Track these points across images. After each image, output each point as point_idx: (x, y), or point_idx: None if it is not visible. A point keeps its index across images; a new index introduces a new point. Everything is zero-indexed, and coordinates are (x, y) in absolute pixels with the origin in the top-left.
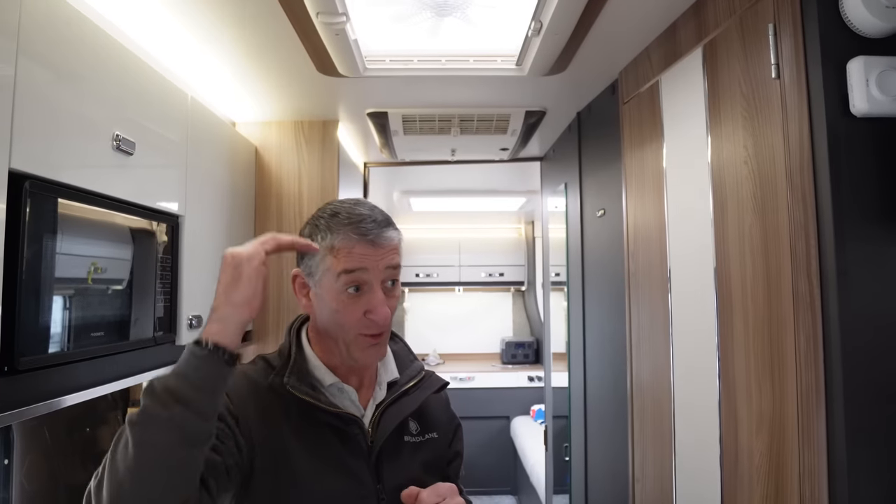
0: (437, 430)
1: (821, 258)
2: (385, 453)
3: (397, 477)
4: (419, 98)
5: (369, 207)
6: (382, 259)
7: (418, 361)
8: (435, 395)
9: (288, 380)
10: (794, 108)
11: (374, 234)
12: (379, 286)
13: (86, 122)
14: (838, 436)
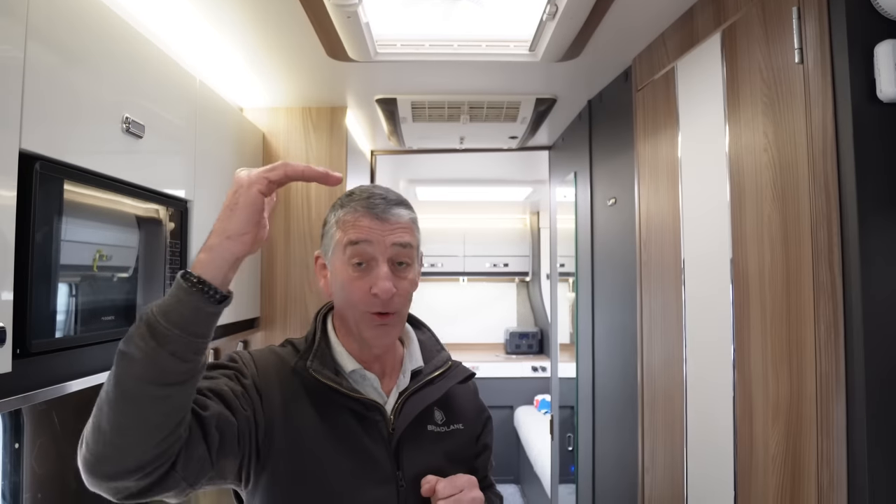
0: (463, 422)
1: (843, 246)
2: (406, 440)
3: (417, 465)
4: (429, 84)
5: (384, 189)
6: (390, 234)
7: (445, 352)
8: (463, 387)
9: (311, 363)
10: (818, 94)
11: (381, 208)
12: (385, 263)
13: (95, 104)
14: (858, 423)
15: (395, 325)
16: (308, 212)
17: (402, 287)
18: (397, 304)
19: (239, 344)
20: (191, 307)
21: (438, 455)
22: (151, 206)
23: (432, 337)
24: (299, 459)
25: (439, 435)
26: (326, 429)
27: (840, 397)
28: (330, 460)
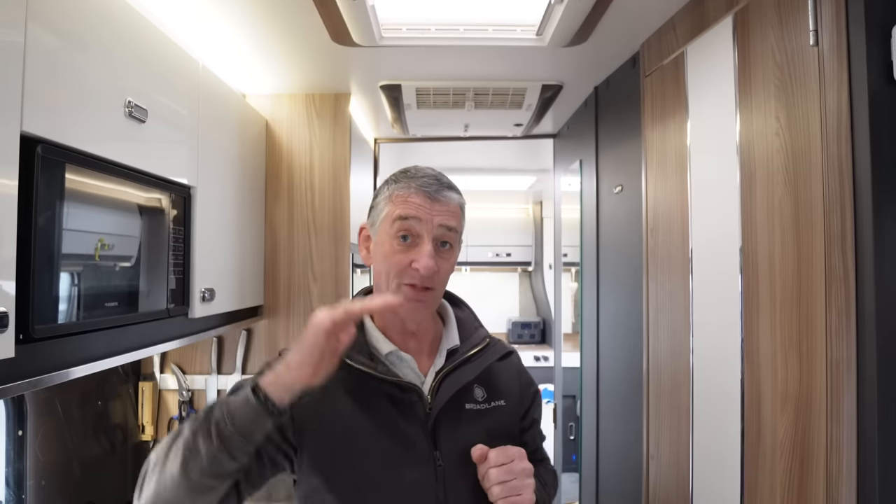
0: (505, 398)
1: (856, 231)
2: (443, 420)
3: (455, 445)
4: (434, 70)
5: (439, 173)
6: (438, 215)
7: (483, 329)
8: (505, 363)
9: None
10: (832, 77)
11: (434, 188)
12: (430, 241)
13: (97, 87)
14: (869, 410)
15: (429, 302)
16: (311, 200)
17: (442, 267)
18: (434, 281)
19: (242, 332)
20: (253, 417)
21: (478, 433)
22: (154, 195)
23: (471, 314)
24: (335, 446)
25: (479, 412)
26: (362, 414)
27: (851, 384)
28: (366, 445)
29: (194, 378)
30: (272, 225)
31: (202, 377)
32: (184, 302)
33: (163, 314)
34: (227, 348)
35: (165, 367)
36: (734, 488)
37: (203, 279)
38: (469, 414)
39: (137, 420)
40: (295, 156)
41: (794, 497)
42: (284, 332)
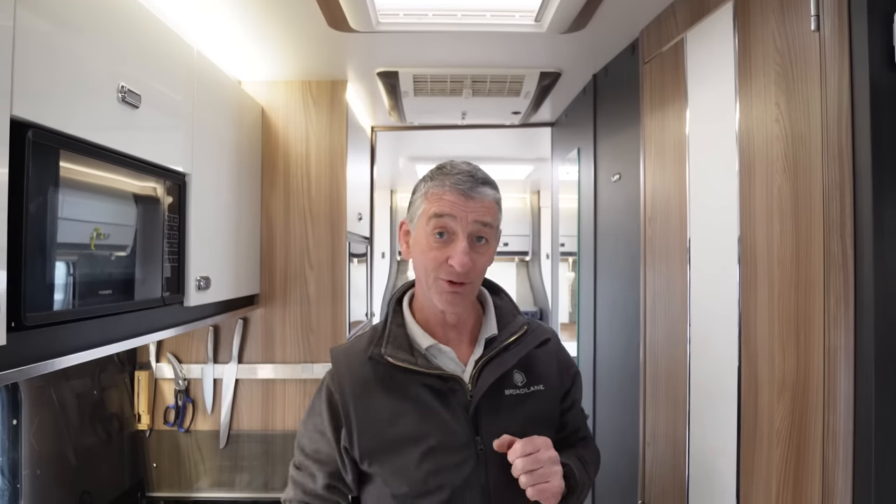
0: (544, 382)
1: (856, 217)
2: (483, 407)
3: (496, 430)
4: (431, 57)
5: (474, 167)
6: (472, 211)
7: (521, 317)
8: (543, 348)
9: (385, 349)
10: (833, 62)
11: (468, 185)
12: (465, 237)
13: (89, 72)
14: (866, 398)
15: (467, 295)
16: (308, 188)
17: (478, 262)
18: (472, 275)
19: (238, 321)
20: None
21: (517, 418)
22: (149, 184)
23: (509, 302)
24: (385, 440)
25: (518, 398)
26: (406, 405)
27: (848, 371)
28: (412, 434)
29: (190, 367)
30: (268, 213)
31: (198, 366)
32: (179, 290)
33: (157, 302)
34: (224, 337)
35: (161, 356)
36: (730, 476)
37: (198, 267)
38: (509, 400)
39: (133, 409)
40: (291, 143)
41: (790, 484)
42: (281, 320)
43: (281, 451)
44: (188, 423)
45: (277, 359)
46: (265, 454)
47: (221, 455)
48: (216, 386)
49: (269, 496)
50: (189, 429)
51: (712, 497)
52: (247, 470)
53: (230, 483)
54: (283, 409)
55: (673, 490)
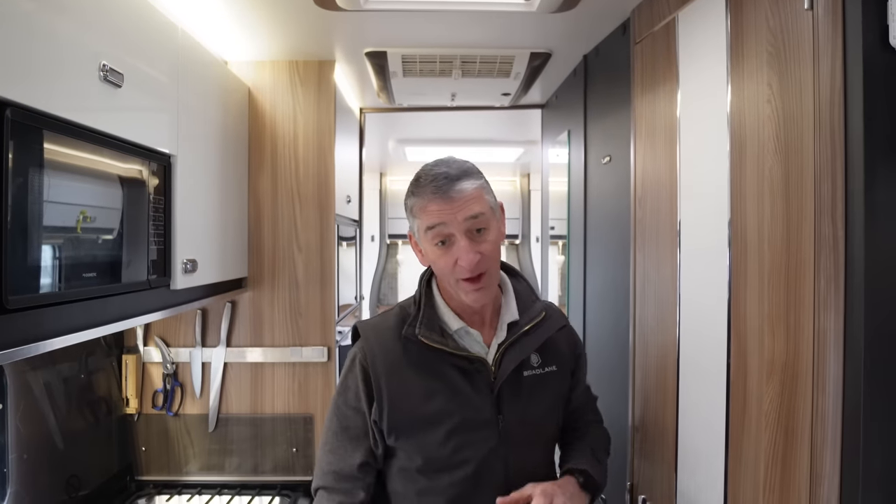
0: (556, 363)
1: (847, 198)
2: (506, 388)
3: (516, 409)
4: (420, 37)
5: (447, 164)
6: (459, 211)
7: (540, 301)
8: (559, 331)
9: (419, 330)
10: (826, 41)
11: (445, 188)
12: (463, 236)
13: (69, 49)
14: (855, 379)
15: (488, 284)
16: (296, 168)
17: (485, 250)
18: (484, 265)
19: (226, 304)
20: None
21: (535, 397)
22: (133, 166)
23: (528, 286)
24: (417, 414)
25: (536, 378)
26: (437, 383)
27: (837, 353)
28: (442, 410)
29: (178, 351)
30: (256, 195)
31: (186, 350)
32: (165, 273)
33: (143, 285)
34: (212, 320)
35: (149, 340)
36: (718, 458)
37: (185, 250)
38: (527, 380)
39: (121, 393)
40: (278, 124)
41: (779, 467)
42: (269, 303)
43: (270, 434)
44: (177, 407)
45: (266, 342)
46: (254, 437)
47: (210, 438)
48: (204, 369)
49: (259, 479)
50: (178, 412)
51: (700, 479)
52: (236, 453)
53: (220, 466)
54: (272, 393)
55: (662, 472)
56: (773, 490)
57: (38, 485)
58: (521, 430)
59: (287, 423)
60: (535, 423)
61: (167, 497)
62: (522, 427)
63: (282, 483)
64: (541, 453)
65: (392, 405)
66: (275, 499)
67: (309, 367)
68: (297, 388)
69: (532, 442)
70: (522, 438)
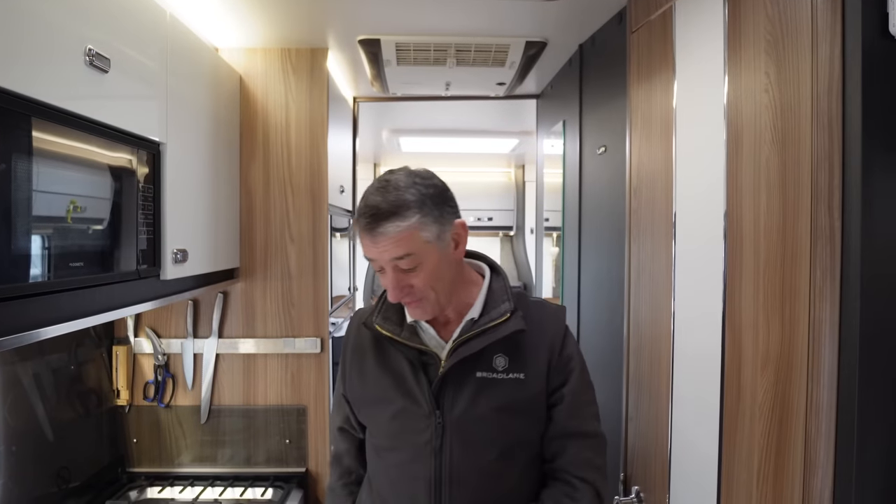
0: (525, 371)
1: (844, 189)
2: (448, 384)
3: (457, 408)
4: (415, 24)
5: (384, 191)
6: (383, 251)
7: (508, 303)
8: (545, 336)
9: (376, 319)
10: (825, 29)
11: (370, 228)
12: (391, 270)
13: (53, 32)
14: (849, 371)
15: (425, 306)
16: (288, 158)
17: (417, 283)
18: (416, 295)
19: (218, 295)
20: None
21: (482, 401)
22: (122, 155)
23: (502, 287)
24: (370, 400)
25: (489, 381)
26: (385, 372)
27: (833, 345)
28: (385, 400)
29: (170, 342)
30: (247, 184)
31: (178, 341)
32: (155, 263)
33: (132, 275)
34: (203, 311)
35: (140, 331)
36: (712, 449)
37: (175, 240)
38: (478, 381)
39: (112, 384)
40: (270, 113)
41: (772, 458)
42: (262, 294)
43: (263, 425)
44: (168, 399)
45: (258, 333)
46: (247, 429)
47: (203, 430)
48: (196, 361)
49: (252, 471)
50: (169, 404)
51: (694, 470)
52: (229, 445)
53: (212, 458)
54: (264, 384)
55: (655, 464)
56: (766, 480)
57: (28, 477)
58: (460, 431)
59: (280, 414)
60: (479, 428)
61: (159, 489)
62: (461, 428)
63: (275, 475)
64: (488, 462)
65: (350, 382)
66: (268, 490)
67: (302, 358)
68: (289, 380)
69: (474, 446)
70: (461, 440)
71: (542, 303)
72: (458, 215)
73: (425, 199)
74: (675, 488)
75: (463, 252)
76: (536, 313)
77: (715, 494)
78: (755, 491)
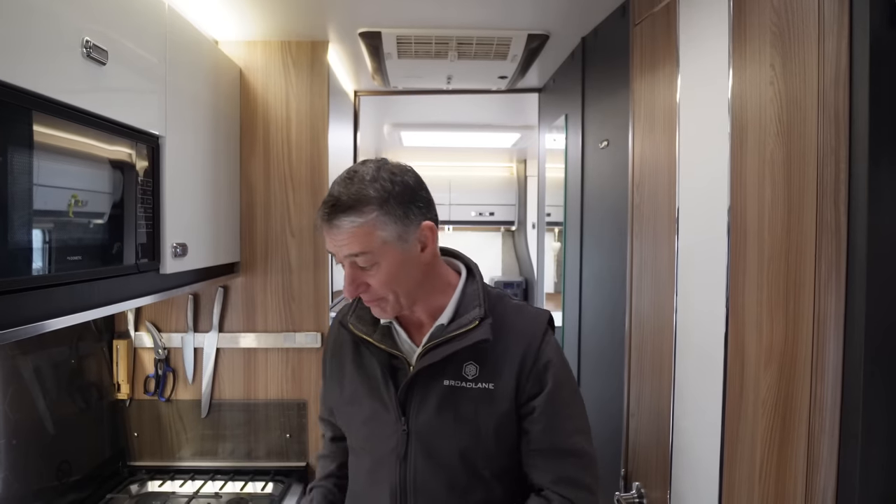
0: (495, 381)
1: (850, 182)
2: (415, 392)
3: (421, 416)
4: (415, 16)
5: (349, 182)
6: (339, 245)
7: (478, 309)
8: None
9: (350, 318)
10: (832, 20)
11: (326, 217)
12: (348, 266)
13: (49, 23)
14: (855, 366)
15: (384, 306)
16: (288, 152)
17: (375, 282)
18: (374, 295)
19: (218, 289)
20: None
21: (448, 411)
22: (121, 148)
23: (475, 291)
24: (346, 399)
25: (455, 390)
26: (358, 373)
27: (837, 340)
28: (359, 402)
29: (171, 336)
30: (248, 178)
31: (178, 335)
32: (154, 257)
33: (132, 269)
34: (204, 306)
35: (140, 325)
36: (714, 445)
37: (174, 233)
38: (445, 390)
39: (113, 378)
40: (271, 107)
41: (775, 454)
42: (262, 289)
43: (263, 419)
44: (169, 393)
45: (259, 328)
46: (248, 423)
47: (204, 424)
48: (197, 355)
49: (253, 465)
50: (170, 398)
51: (696, 466)
52: (230, 439)
53: (213, 452)
54: (265, 379)
55: (657, 459)
56: (769, 477)
57: (28, 471)
58: (423, 440)
59: (281, 408)
60: (442, 438)
61: (160, 482)
62: (424, 437)
63: (275, 469)
64: (453, 474)
65: (327, 384)
66: (268, 484)
67: (302, 352)
68: (290, 374)
69: (438, 457)
70: (426, 451)
71: (521, 307)
72: (430, 215)
73: (389, 196)
74: (676, 484)
75: (432, 254)
76: (513, 319)
77: (717, 490)
78: (757, 487)
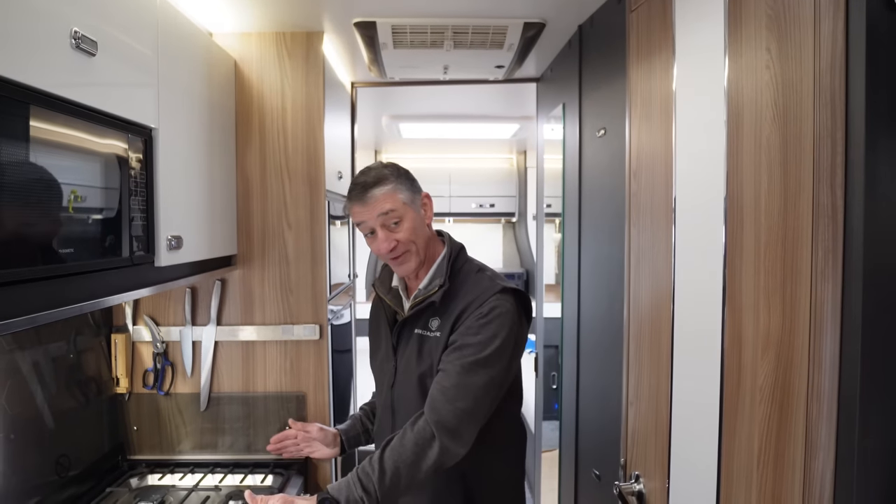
0: (442, 331)
1: (847, 167)
2: (402, 341)
3: (403, 356)
4: (410, 6)
5: (366, 174)
6: (372, 210)
7: (439, 279)
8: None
9: (375, 281)
10: (828, 2)
11: (360, 195)
12: (380, 229)
13: (35, 12)
14: (852, 353)
15: (408, 259)
16: (284, 144)
17: (401, 237)
18: (401, 248)
19: (216, 282)
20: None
21: (415, 356)
22: (113, 141)
23: (443, 265)
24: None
25: (422, 338)
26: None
27: (835, 326)
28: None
29: (169, 329)
30: (244, 171)
31: (176, 328)
32: (149, 250)
33: (126, 262)
34: (202, 299)
35: (138, 319)
36: (712, 433)
37: (169, 226)
38: (415, 337)
39: (111, 372)
40: (266, 98)
41: (773, 442)
42: (260, 281)
43: (263, 412)
44: (168, 387)
45: (257, 320)
46: (247, 416)
47: (203, 417)
48: (195, 348)
49: (253, 458)
50: (169, 392)
51: (694, 454)
52: (229, 432)
53: (212, 445)
54: (263, 371)
55: (655, 448)
56: (767, 464)
57: (27, 465)
58: (405, 380)
59: (280, 401)
60: (417, 379)
61: (159, 476)
62: (405, 378)
63: (275, 461)
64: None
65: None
66: (268, 476)
67: (301, 345)
68: (289, 367)
69: (416, 396)
70: (406, 389)
71: (483, 279)
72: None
73: (399, 173)
74: (675, 472)
75: (431, 218)
76: (469, 287)
77: (715, 478)
78: (755, 474)
